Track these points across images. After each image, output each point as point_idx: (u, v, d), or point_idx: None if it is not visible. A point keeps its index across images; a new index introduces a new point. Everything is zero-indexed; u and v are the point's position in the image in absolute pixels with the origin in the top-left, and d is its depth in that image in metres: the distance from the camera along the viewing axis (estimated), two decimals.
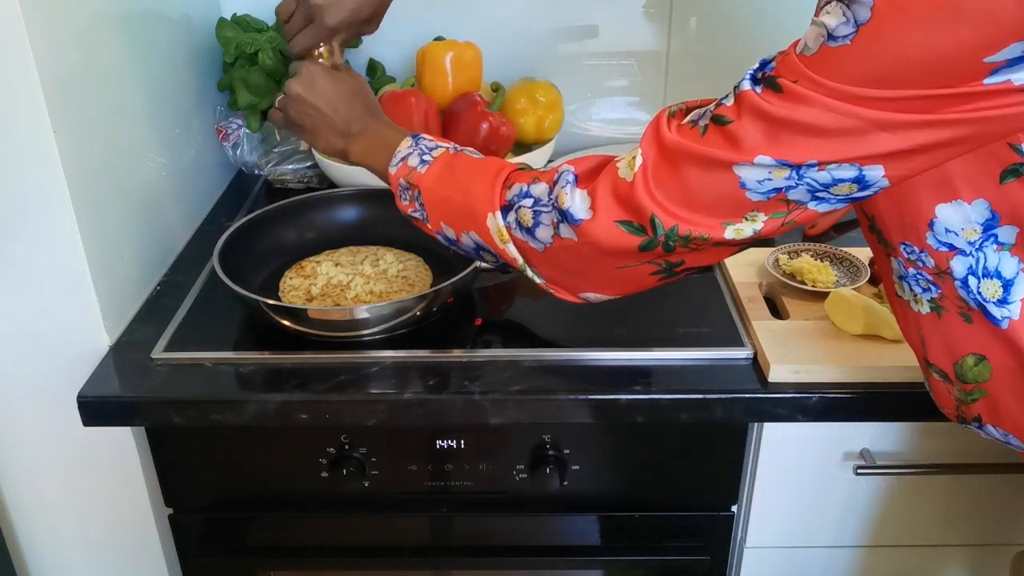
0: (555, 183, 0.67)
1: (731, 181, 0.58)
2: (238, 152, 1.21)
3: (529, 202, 0.68)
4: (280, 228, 1.02)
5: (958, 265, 0.59)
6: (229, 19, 1.19)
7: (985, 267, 0.58)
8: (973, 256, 0.58)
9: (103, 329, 0.87)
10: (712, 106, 0.61)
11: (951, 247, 0.59)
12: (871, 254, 0.95)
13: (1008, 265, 0.58)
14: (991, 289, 0.58)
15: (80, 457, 0.93)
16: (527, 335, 0.90)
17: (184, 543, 0.95)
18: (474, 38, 1.20)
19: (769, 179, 0.57)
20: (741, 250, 0.66)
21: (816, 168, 0.56)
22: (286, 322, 0.85)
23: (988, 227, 0.57)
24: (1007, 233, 0.57)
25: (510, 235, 0.70)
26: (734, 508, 0.93)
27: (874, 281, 0.92)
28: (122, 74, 0.94)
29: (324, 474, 0.88)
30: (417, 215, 0.76)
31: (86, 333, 0.87)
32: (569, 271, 0.70)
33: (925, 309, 0.64)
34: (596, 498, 0.92)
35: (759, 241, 0.63)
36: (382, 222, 1.01)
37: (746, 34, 1.27)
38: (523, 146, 1.22)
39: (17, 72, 0.75)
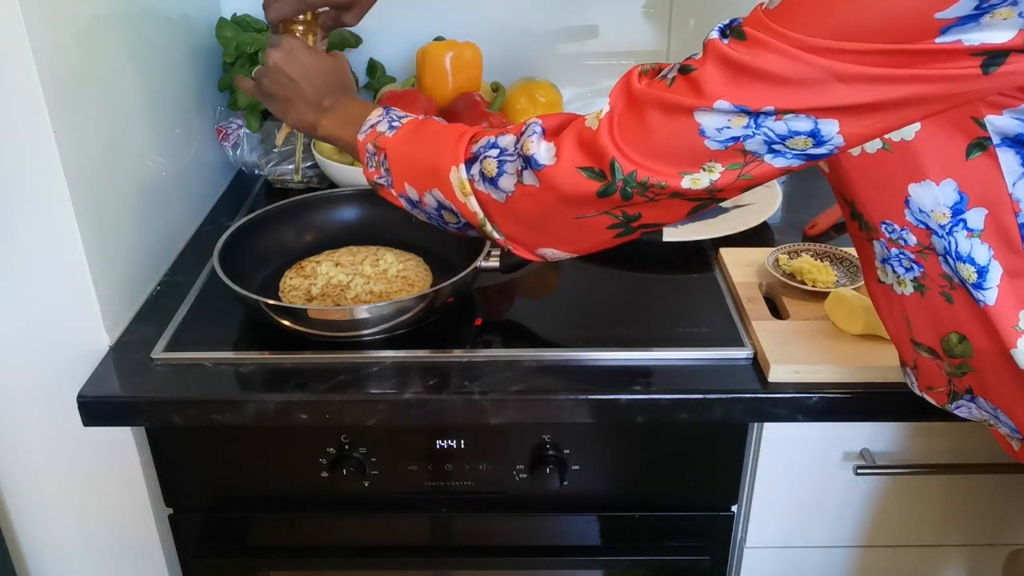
0: (522, 133, 0.68)
1: (691, 128, 0.59)
2: (238, 152, 1.21)
3: (495, 152, 0.69)
4: (280, 228, 1.02)
5: (936, 243, 0.60)
6: (229, 19, 1.19)
7: (958, 251, 0.59)
8: (945, 240, 0.59)
9: (103, 329, 0.87)
10: (683, 60, 0.62)
11: (926, 226, 0.60)
12: None
13: (980, 252, 0.58)
14: (966, 272, 0.59)
15: (80, 457, 0.93)
16: (527, 335, 0.90)
17: (184, 543, 0.95)
18: (474, 38, 1.20)
19: (728, 127, 0.58)
20: (697, 209, 0.66)
21: (773, 117, 0.56)
22: (286, 322, 0.85)
23: (957, 211, 0.58)
24: (975, 217, 0.58)
25: (472, 188, 0.71)
26: (734, 508, 0.93)
27: None
28: (122, 74, 0.94)
29: (324, 474, 0.88)
30: (382, 180, 0.77)
31: (86, 333, 0.87)
32: (529, 225, 0.71)
33: (908, 290, 0.64)
34: (596, 498, 0.92)
35: (715, 201, 0.64)
36: (382, 222, 1.01)
37: None
38: None
39: (17, 72, 0.75)
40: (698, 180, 0.61)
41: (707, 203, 0.64)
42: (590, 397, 0.80)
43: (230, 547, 0.96)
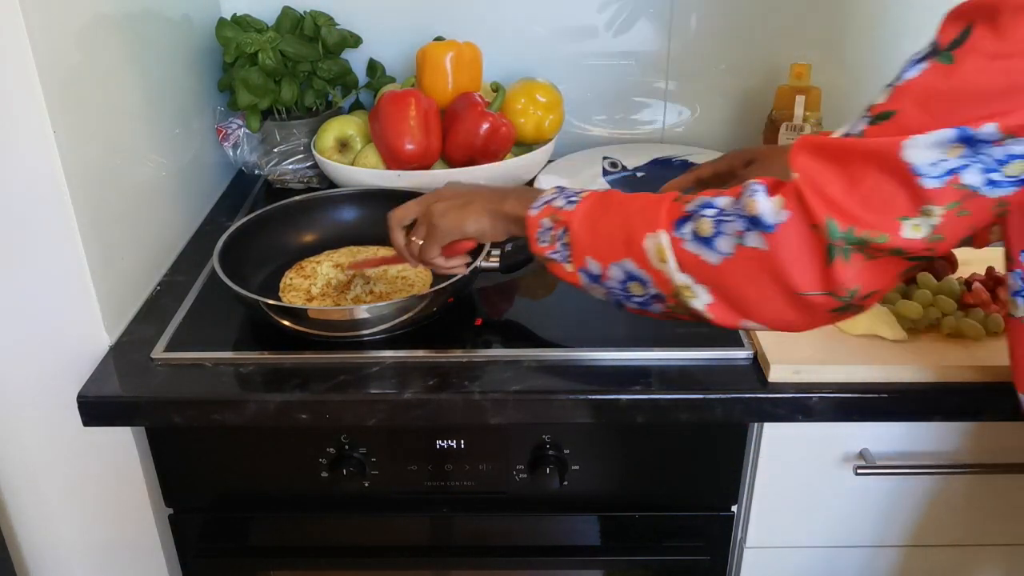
0: (742, 194, 0.63)
1: (903, 169, 0.56)
2: (238, 152, 1.21)
3: (712, 212, 0.64)
4: (280, 228, 1.02)
5: None
6: (229, 19, 1.19)
7: None
8: None
9: (103, 329, 0.87)
10: (862, 112, 0.59)
11: None
12: None
13: None
14: None
15: (80, 457, 0.93)
16: (527, 335, 0.90)
17: (184, 543, 0.95)
18: (474, 38, 1.20)
19: (944, 159, 0.55)
20: (912, 271, 0.62)
21: (991, 144, 0.54)
22: (286, 322, 0.85)
23: None
24: None
25: (675, 250, 0.65)
26: (734, 508, 0.93)
27: None
28: (122, 74, 0.94)
29: (324, 474, 0.88)
30: (556, 256, 0.73)
31: (86, 333, 0.87)
32: (742, 293, 0.65)
33: None
34: (596, 498, 0.92)
35: (932, 257, 0.60)
36: (382, 222, 1.01)
37: (746, 34, 1.27)
38: (523, 146, 1.22)
39: (17, 72, 0.75)
40: (919, 227, 0.57)
41: (923, 264, 0.61)
42: (590, 397, 0.80)
43: (230, 547, 0.96)
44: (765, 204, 0.61)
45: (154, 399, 0.82)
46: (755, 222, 0.61)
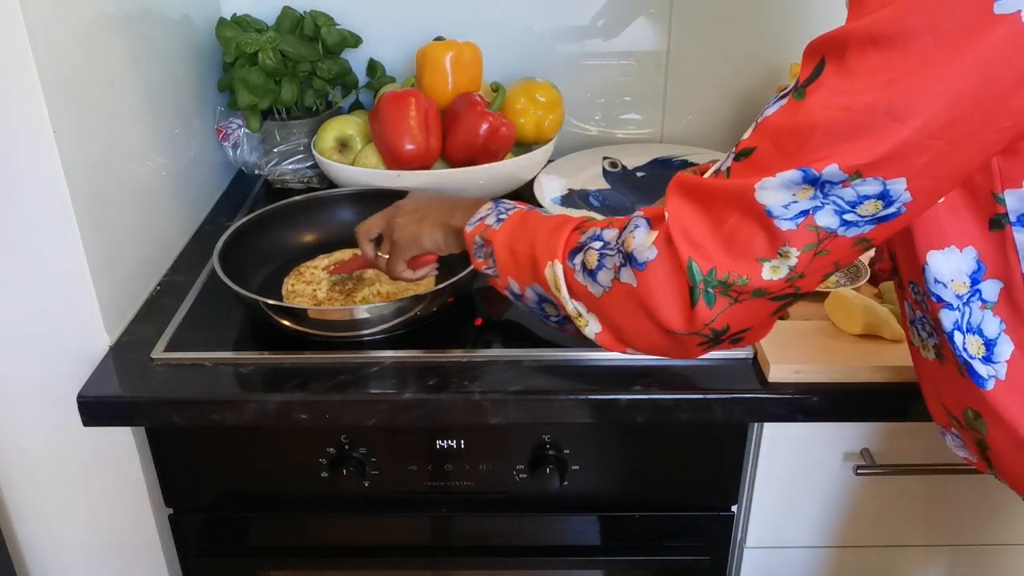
0: (625, 227, 0.65)
1: (758, 210, 0.56)
2: (238, 152, 1.21)
3: (598, 244, 0.66)
4: (280, 228, 1.02)
5: (945, 319, 0.58)
6: (229, 19, 1.19)
7: (969, 322, 0.58)
8: (959, 310, 0.58)
9: (103, 329, 0.87)
10: (731, 148, 0.59)
11: (939, 299, 0.58)
12: (871, 254, 0.95)
13: (990, 325, 0.57)
14: (975, 345, 0.58)
15: (80, 457, 0.92)
16: (527, 335, 0.90)
17: (184, 543, 0.95)
18: (474, 38, 1.20)
19: (795, 201, 0.55)
20: (779, 311, 0.63)
21: (839, 184, 0.53)
22: (286, 322, 0.85)
23: (975, 280, 0.57)
24: (991, 289, 0.57)
25: (567, 280, 0.68)
26: (734, 508, 0.93)
27: (874, 281, 0.92)
28: (122, 74, 0.94)
29: (324, 474, 0.88)
30: (490, 271, 0.76)
31: (86, 333, 0.87)
32: (621, 325, 0.66)
33: (931, 356, 0.63)
34: (596, 498, 0.92)
35: (797, 297, 0.60)
36: None
37: (746, 34, 1.27)
38: (523, 146, 1.22)
39: (17, 72, 0.75)
40: (778, 269, 0.57)
41: (790, 301, 0.61)
42: (590, 397, 0.80)
43: (230, 547, 0.96)
44: (640, 240, 0.62)
45: (154, 399, 0.82)
46: (629, 258, 0.62)
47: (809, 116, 0.53)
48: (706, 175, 0.60)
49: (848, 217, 0.55)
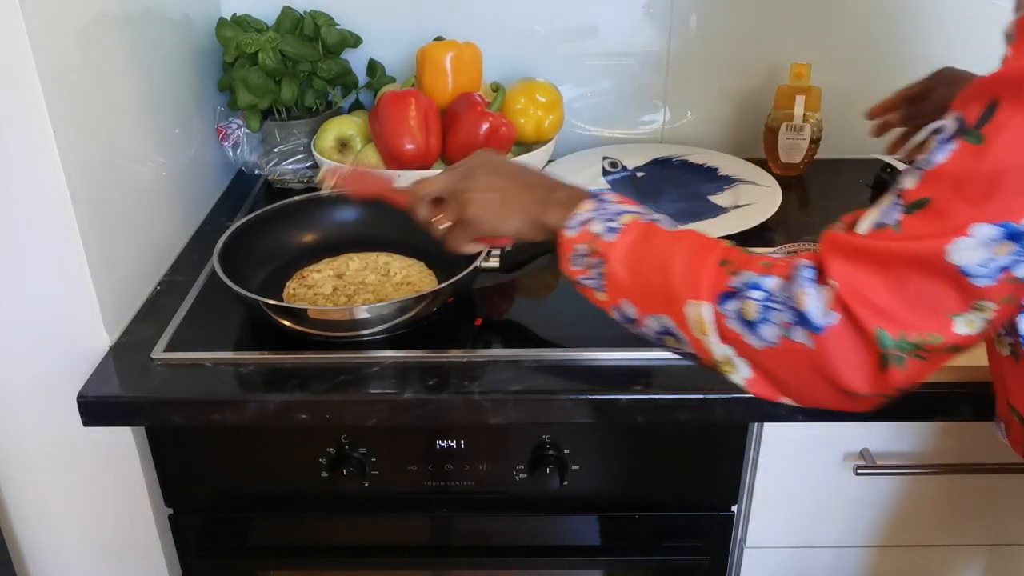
0: (793, 278, 0.58)
1: (950, 271, 0.52)
2: (238, 152, 1.21)
3: (759, 295, 0.59)
4: (280, 228, 1.02)
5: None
6: (229, 19, 1.19)
7: None
8: None
9: (103, 329, 0.87)
10: (892, 198, 0.55)
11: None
12: None
13: None
14: None
15: (80, 457, 0.93)
16: (527, 335, 0.90)
17: (184, 543, 0.95)
18: (474, 38, 1.20)
19: (993, 258, 0.51)
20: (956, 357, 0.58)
21: None
22: (286, 322, 0.85)
23: None
24: None
25: (719, 326, 0.61)
26: (734, 508, 0.93)
27: None
28: (122, 74, 0.94)
29: (324, 474, 0.88)
30: (589, 283, 0.68)
31: (86, 333, 0.87)
32: (785, 378, 0.62)
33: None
34: (596, 498, 0.92)
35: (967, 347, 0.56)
36: (382, 222, 1.01)
37: (746, 34, 1.27)
38: (523, 146, 1.22)
39: (17, 72, 0.75)
40: (972, 322, 0.54)
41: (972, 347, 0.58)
42: (590, 397, 0.80)
43: (230, 547, 0.96)
44: (814, 301, 0.56)
45: (154, 399, 0.82)
46: (803, 319, 0.57)
47: (998, 159, 0.49)
48: (861, 228, 0.56)
49: None
